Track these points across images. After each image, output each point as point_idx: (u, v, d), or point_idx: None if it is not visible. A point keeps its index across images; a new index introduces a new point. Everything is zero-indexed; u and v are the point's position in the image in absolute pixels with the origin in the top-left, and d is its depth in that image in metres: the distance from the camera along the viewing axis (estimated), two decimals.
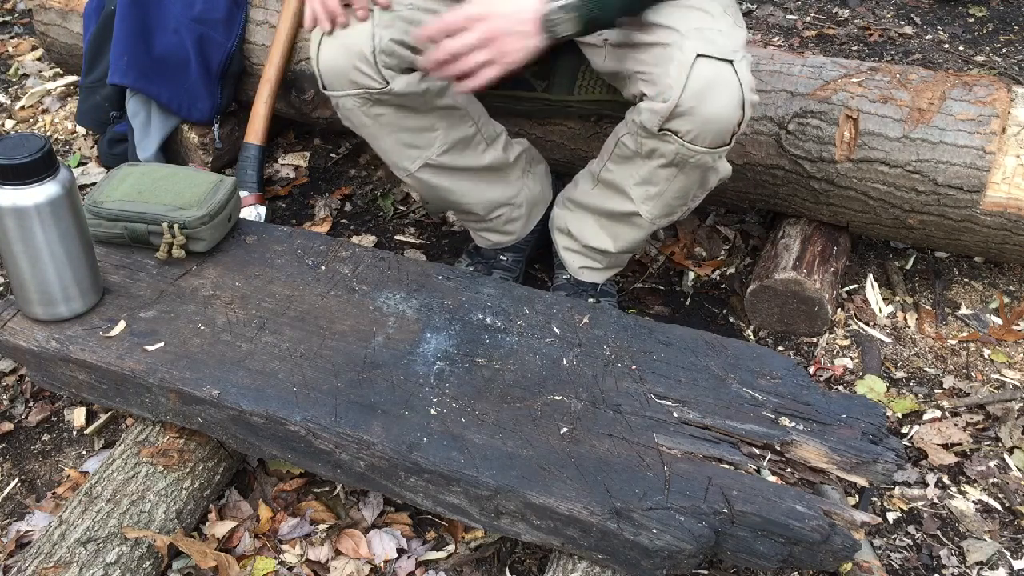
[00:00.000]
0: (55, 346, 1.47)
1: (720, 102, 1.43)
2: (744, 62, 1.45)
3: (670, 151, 1.50)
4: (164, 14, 2.13)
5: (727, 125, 1.45)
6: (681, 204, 1.65)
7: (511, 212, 1.85)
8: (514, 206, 1.84)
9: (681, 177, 1.56)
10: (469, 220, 1.87)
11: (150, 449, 1.47)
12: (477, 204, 1.79)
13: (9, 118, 2.64)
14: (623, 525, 1.22)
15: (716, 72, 1.42)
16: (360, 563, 1.45)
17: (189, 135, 2.24)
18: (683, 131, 1.46)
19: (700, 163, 1.51)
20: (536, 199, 1.89)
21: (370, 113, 1.58)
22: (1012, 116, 1.77)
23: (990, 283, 2.01)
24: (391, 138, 1.63)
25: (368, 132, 1.63)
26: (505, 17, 1.40)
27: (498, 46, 1.41)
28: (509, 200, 1.83)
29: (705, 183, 1.61)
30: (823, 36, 3.08)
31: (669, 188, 1.59)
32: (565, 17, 1.40)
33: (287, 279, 1.60)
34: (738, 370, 1.43)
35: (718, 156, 1.52)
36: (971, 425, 1.69)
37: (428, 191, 1.74)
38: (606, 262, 1.82)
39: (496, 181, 1.79)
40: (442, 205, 1.82)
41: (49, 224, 1.40)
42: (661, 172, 1.56)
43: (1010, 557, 1.47)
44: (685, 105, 1.42)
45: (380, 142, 1.65)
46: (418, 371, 1.42)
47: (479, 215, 1.83)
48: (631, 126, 1.55)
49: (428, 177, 1.70)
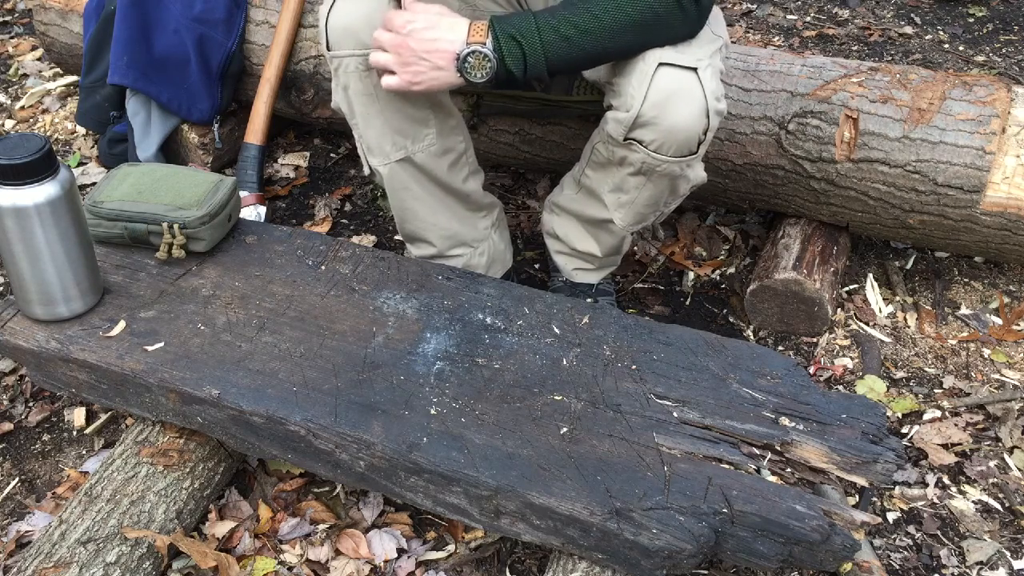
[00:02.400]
0: (55, 346, 1.47)
1: (683, 112, 1.40)
2: (710, 70, 1.42)
3: (637, 160, 1.49)
4: (164, 14, 2.13)
5: (691, 134, 1.43)
6: (653, 211, 1.64)
7: (471, 258, 1.78)
8: (475, 251, 1.78)
9: (650, 185, 1.55)
10: (426, 254, 1.78)
11: (150, 449, 1.47)
12: (438, 229, 1.72)
13: (9, 118, 2.64)
14: (623, 525, 1.22)
15: (678, 81, 1.39)
16: (360, 563, 1.45)
17: (189, 135, 2.24)
18: (647, 140, 1.45)
19: (667, 172, 1.50)
20: (497, 256, 1.84)
21: (368, 84, 1.51)
22: (1012, 116, 1.77)
23: (990, 283, 2.01)
24: (381, 118, 1.55)
25: (361, 106, 1.55)
26: (423, 41, 1.40)
27: (405, 62, 1.41)
28: (471, 241, 1.77)
29: (676, 190, 1.59)
30: (823, 36, 3.08)
31: (639, 196, 1.58)
32: (476, 64, 1.39)
33: (287, 279, 1.60)
34: (738, 370, 1.43)
35: (685, 164, 1.50)
36: (971, 425, 1.69)
37: (397, 190, 1.66)
38: (597, 263, 1.82)
39: (464, 214, 1.75)
40: (403, 217, 1.73)
41: (49, 224, 1.40)
42: (631, 180, 1.55)
43: (1010, 557, 1.47)
44: (647, 115, 1.41)
45: (370, 121, 1.57)
46: (418, 371, 1.42)
47: (437, 248, 1.75)
48: (602, 134, 1.54)
49: (402, 173, 1.63)
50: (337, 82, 1.55)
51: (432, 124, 1.59)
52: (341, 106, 1.59)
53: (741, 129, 1.88)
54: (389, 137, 1.58)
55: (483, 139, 2.10)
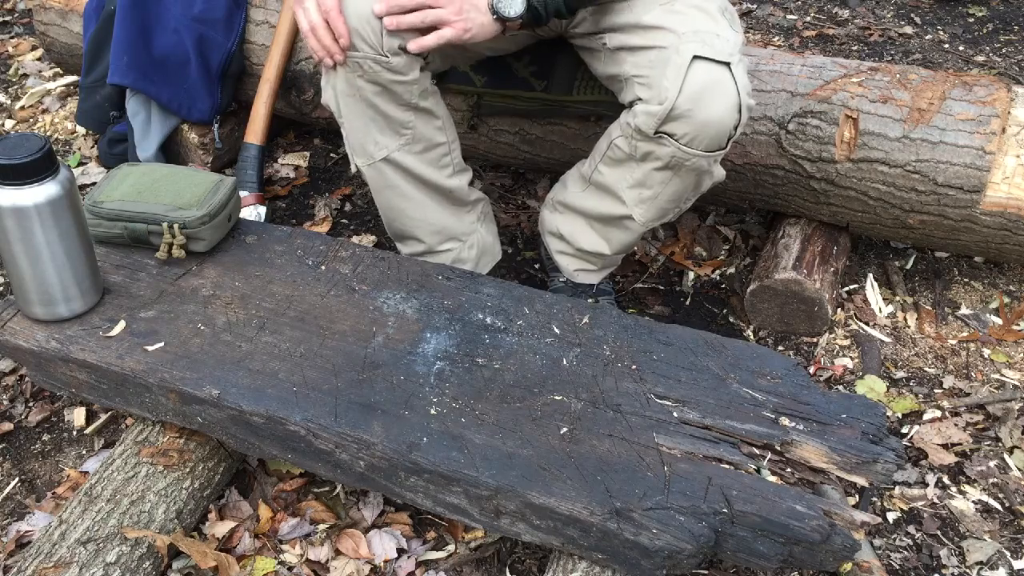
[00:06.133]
0: (55, 346, 1.47)
1: (717, 105, 1.42)
2: (741, 65, 1.44)
3: (666, 154, 1.50)
4: (164, 14, 2.13)
5: (724, 128, 1.45)
6: (674, 207, 1.64)
7: (461, 251, 1.79)
8: (464, 245, 1.79)
9: (676, 180, 1.56)
10: (415, 251, 1.80)
11: (150, 449, 1.47)
12: (427, 225, 1.74)
13: (9, 118, 2.64)
14: (623, 525, 1.22)
15: (713, 75, 1.41)
16: (360, 563, 1.45)
17: (189, 135, 2.24)
18: (679, 134, 1.46)
19: (696, 166, 1.51)
20: (486, 249, 1.85)
21: (352, 84, 1.53)
22: (1012, 116, 1.78)
23: (990, 283, 2.01)
24: (363, 119, 1.58)
25: (345, 106, 1.58)
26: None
27: (458, 10, 1.43)
28: (460, 236, 1.78)
29: (699, 186, 1.60)
30: (823, 36, 3.08)
31: (664, 191, 1.58)
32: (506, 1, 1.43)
33: (287, 279, 1.60)
34: (738, 370, 1.43)
35: (714, 160, 1.52)
36: (971, 425, 1.69)
37: (384, 190, 1.69)
38: (601, 263, 1.81)
39: (452, 210, 1.76)
40: (390, 216, 1.75)
41: (49, 224, 1.40)
42: (656, 175, 1.55)
43: (1010, 557, 1.47)
44: (681, 108, 1.42)
45: (353, 121, 1.60)
46: (418, 371, 1.42)
47: (427, 244, 1.77)
48: (625, 128, 1.53)
49: (389, 172, 1.65)
50: (326, 81, 1.58)
51: (413, 125, 1.61)
52: (330, 105, 1.61)
53: None
54: (372, 137, 1.61)
55: (483, 139, 2.10)
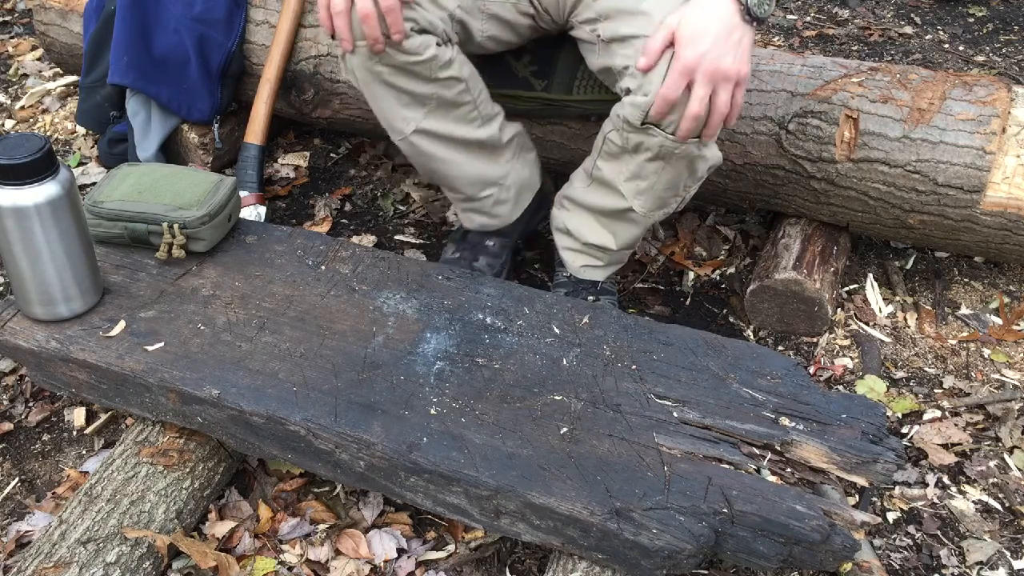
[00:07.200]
0: (55, 346, 1.47)
1: None
2: None
3: (655, 144, 1.50)
4: (164, 14, 2.13)
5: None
6: (673, 195, 1.65)
7: (500, 193, 1.84)
8: (503, 187, 1.84)
9: (669, 169, 1.56)
10: (457, 198, 1.87)
11: (150, 449, 1.47)
12: (465, 179, 1.79)
13: (9, 118, 2.64)
14: (623, 525, 1.22)
15: None
16: (360, 563, 1.45)
17: (189, 135, 2.24)
18: (665, 123, 1.46)
19: (685, 153, 1.52)
20: (525, 184, 1.89)
21: (370, 73, 1.58)
22: (1012, 116, 1.77)
23: (990, 283, 2.01)
24: (387, 100, 1.63)
25: (368, 92, 1.63)
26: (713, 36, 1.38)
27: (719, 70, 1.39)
28: (498, 180, 1.83)
29: (695, 172, 1.60)
30: (823, 36, 3.08)
31: (658, 181, 1.59)
32: None
33: (287, 279, 1.60)
34: (738, 370, 1.43)
35: (703, 145, 1.52)
36: (971, 425, 1.69)
37: (419, 157, 1.75)
38: (607, 259, 1.81)
39: (487, 159, 1.79)
40: (431, 176, 1.82)
41: (49, 224, 1.40)
42: (648, 166, 1.56)
43: (1010, 557, 1.47)
44: None
45: (378, 103, 1.65)
46: (418, 371, 1.42)
47: (467, 194, 1.83)
48: (616, 121, 1.55)
49: (421, 142, 1.70)
50: (344, 66, 1.63)
51: (436, 95, 1.64)
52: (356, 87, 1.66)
53: (741, 129, 1.87)
54: (398, 114, 1.66)
55: None
